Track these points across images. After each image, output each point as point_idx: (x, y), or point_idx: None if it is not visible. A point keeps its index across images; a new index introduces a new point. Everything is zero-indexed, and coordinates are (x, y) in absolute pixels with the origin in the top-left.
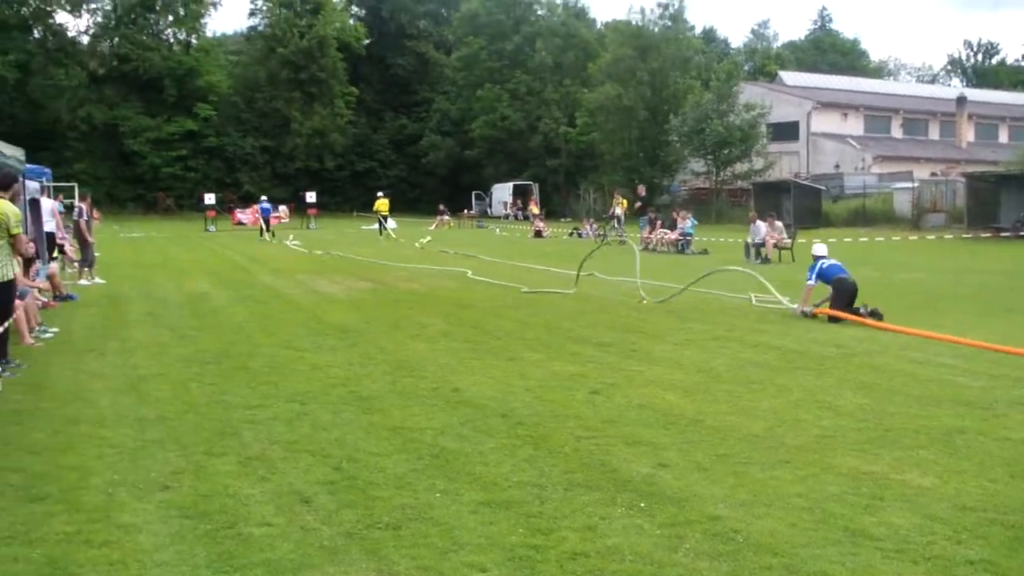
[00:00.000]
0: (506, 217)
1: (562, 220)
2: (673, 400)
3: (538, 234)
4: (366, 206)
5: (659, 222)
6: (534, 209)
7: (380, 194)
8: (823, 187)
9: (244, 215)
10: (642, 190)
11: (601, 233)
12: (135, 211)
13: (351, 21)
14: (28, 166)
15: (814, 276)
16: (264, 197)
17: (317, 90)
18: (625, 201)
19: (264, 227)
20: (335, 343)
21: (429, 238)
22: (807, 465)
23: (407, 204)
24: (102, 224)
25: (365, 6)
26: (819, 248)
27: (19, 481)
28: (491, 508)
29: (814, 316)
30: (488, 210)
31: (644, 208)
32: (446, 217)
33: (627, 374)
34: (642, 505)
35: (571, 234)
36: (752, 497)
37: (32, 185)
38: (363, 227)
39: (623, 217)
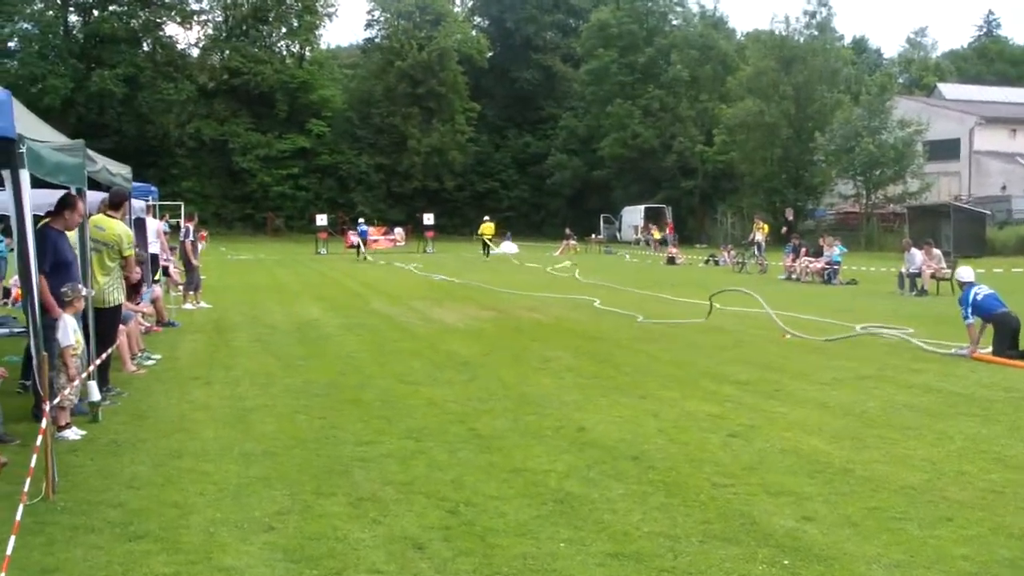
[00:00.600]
0: (636, 242)
1: (697, 246)
2: (819, 446)
3: (671, 261)
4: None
5: (804, 249)
6: (656, 234)
7: (487, 218)
8: (987, 211)
9: (358, 237)
10: (790, 213)
11: (740, 261)
12: (243, 232)
13: (473, 33)
14: (135, 184)
15: (969, 310)
16: (361, 220)
17: (436, 105)
18: (766, 226)
19: (359, 247)
20: (453, 376)
21: (568, 262)
22: (973, 524)
23: (530, 227)
24: (208, 245)
25: (488, 17)
26: (965, 272)
27: (117, 517)
28: (620, 560)
29: (973, 359)
30: (617, 235)
31: (789, 234)
32: (572, 242)
33: (768, 416)
34: (785, 562)
35: (707, 261)
36: (909, 557)
37: (137, 204)
38: (493, 252)
39: (764, 244)
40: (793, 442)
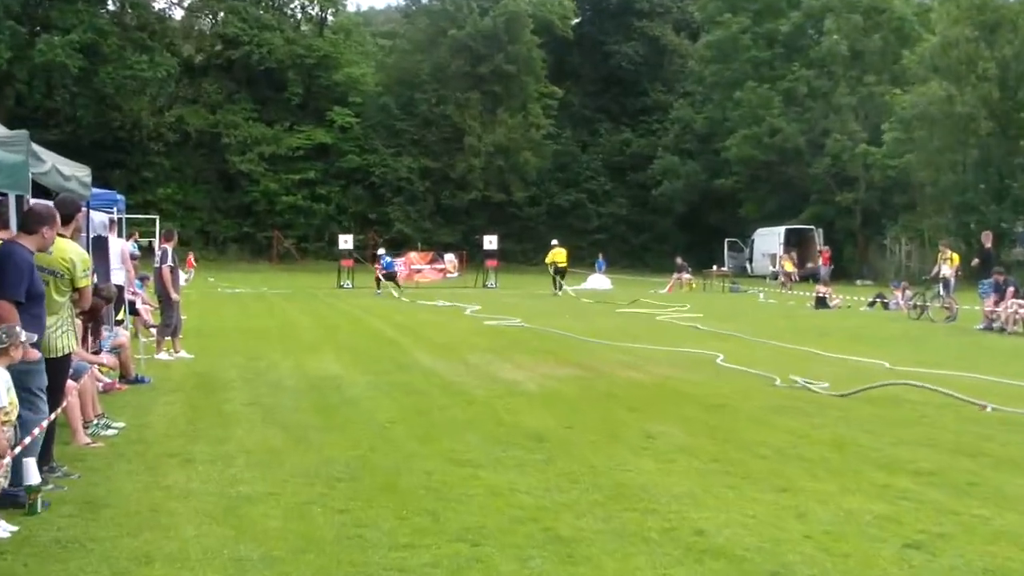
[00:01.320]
0: (774, 277)
1: (858, 283)
2: None
3: (821, 303)
4: (573, 258)
5: (1011, 289)
6: (788, 265)
7: (555, 242)
8: None
9: (394, 265)
10: (989, 239)
11: (919, 304)
12: (240, 256)
13: None
14: (95, 190)
15: None
16: (382, 251)
17: (503, 89)
18: (956, 256)
19: (379, 281)
20: (523, 456)
21: (680, 306)
22: None
23: (628, 255)
24: (194, 274)
25: None
26: None
27: None
28: None
29: None
30: (747, 266)
31: (986, 267)
32: (686, 275)
33: (963, 520)
34: None
35: (872, 304)
36: None
37: (98, 219)
38: (566, 288)
39: (953, 280)
40: (1000, 559)
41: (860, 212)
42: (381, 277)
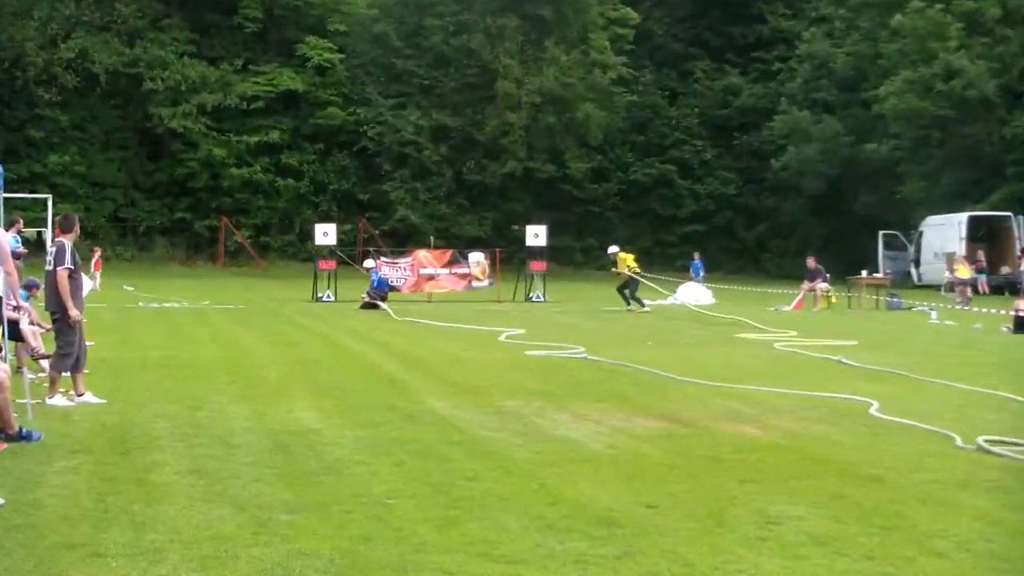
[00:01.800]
0: (949, 288)
1: None
2: None
3: (1021, 325)
4: (657, 258)
5: None
6: (963, 271)
7: (614, 249)
8: None
9: (395, 269)
10: None
11: None
12: (171, 255)
13: None
14: None
15: None
16: (370, 263)
17: (553, 13)
18: None
19: (369, 300)
20: (585, 549)
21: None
22: None
23: (737, 254)
24: (101, 280)
25: None
26: None
27: None
28: None
29: None
30: (913, 270)
31: None
32: (822, 284)
33: None
34: None
35: None
36: None
37: None
38: (644, 302)
39: None
40: None
41: None
42: (372, 300)
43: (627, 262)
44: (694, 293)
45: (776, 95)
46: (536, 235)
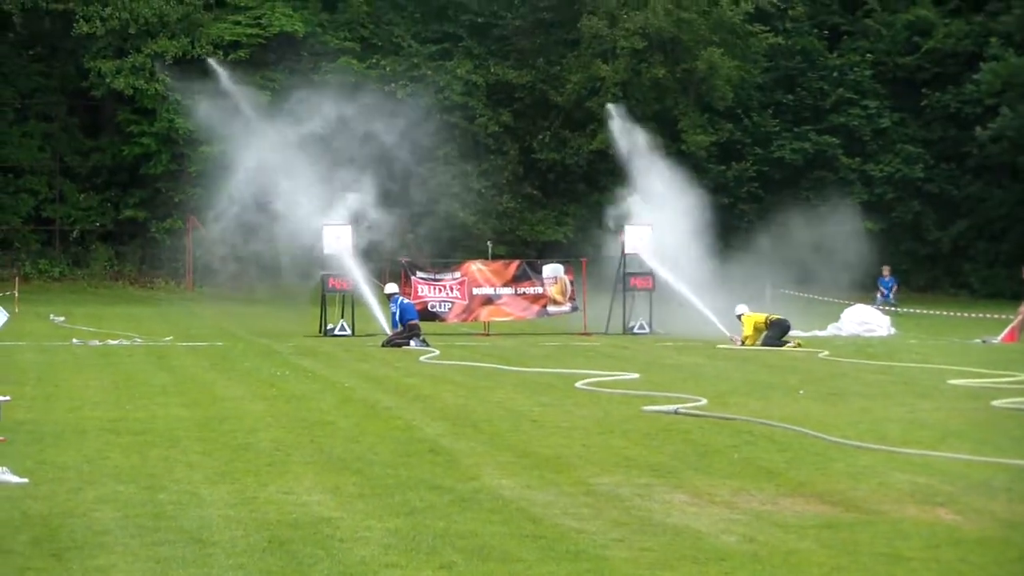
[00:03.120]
0: None
1: None
2: None
3: None
4: (811, 270)
5: None
6: None
7: (742, 310)
8: None
9: (435, 289)
10: None
11: None
12: (118, 272)
13: None
14: None
15: None
16: (392, 288)
17: None
18: None
19: (398, 334)
20: None
21: None
22: None
23: (922, 262)
24: (19, 305)
25: None
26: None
27: None
28: None
29: None
30: None
31: None
32: None
33: None
34: None
35: None
36: None
37: None
38: (794, 338)
39: None
40: None
41: None
42: (399, 340)
43: (756, 325)
44: (865, 319)
45: (984, 33)
46: (640, 239)
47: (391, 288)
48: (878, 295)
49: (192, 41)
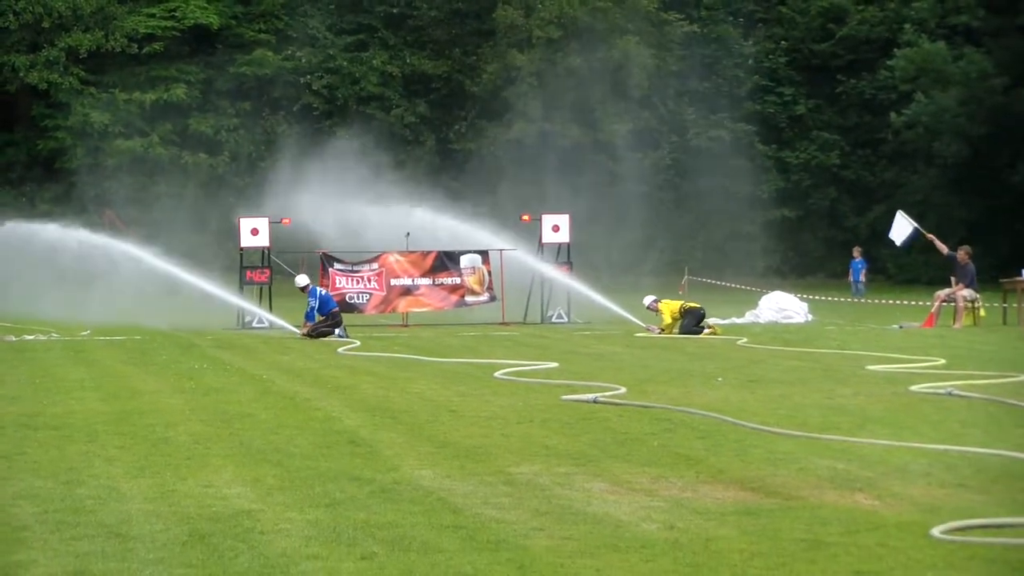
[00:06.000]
0: None
1: None
2: None
3: None
4: (729, 257)
5: None
6: None
7: (651, 300)
8: None
9: (353, 280)
10: None
11: None
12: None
13: None
14: None
15: None
16: (303, 279)
17: None
18: None
19: (322, 322)
20: None
21: None
22: None
23: (838, 248)
24: None
25: None
26: None
27: None
28: None
29: None
30: None
31: None
32: (966, 291)
33: None
34: None
35: None
36: None
37: None
38: (715, 322)
39: None
40: None
41: None
42: (318, 330)
43: (672, 313)
44: (782, 306)
45: (898, 19)
46: (556, 228)
47: (304, 280)
48: (852, 284)
49: (107, 34)
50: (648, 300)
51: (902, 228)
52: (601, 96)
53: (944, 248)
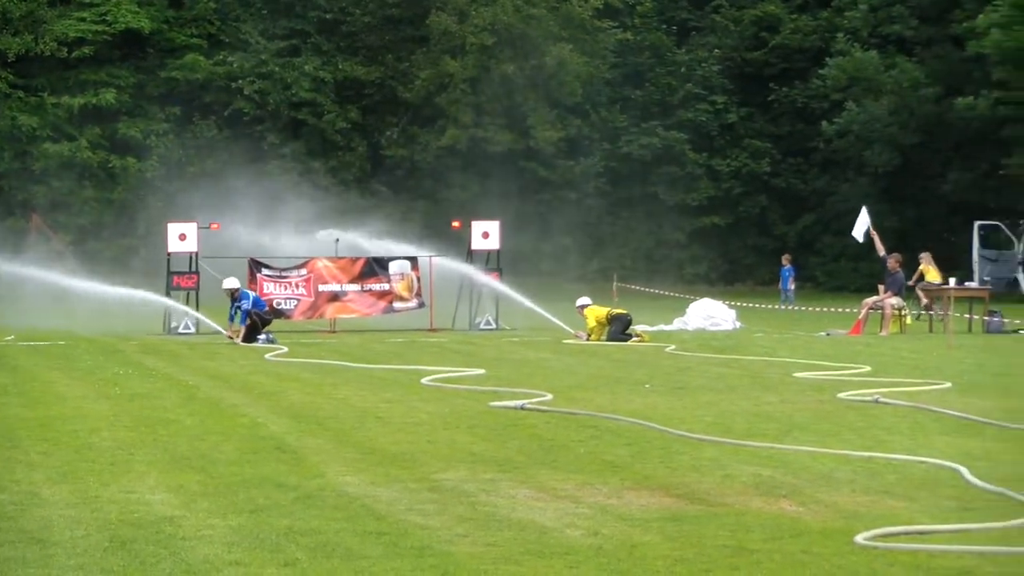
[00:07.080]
0: None
1: None
2: None
3: None
4: (659, 264)
5: None
6: (932, 274)
7: (584, 302)
8: None
9: (281, 286)
10: None
11: None
12: None
13: None
14: None
15: None
16: (231, 282)
17: None
18: None
19: (238, 326)
20: None
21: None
22: None
23: (768, 256)
24: None
25: None
26: None
27: None
28: None
29: None
30: (1021, 275)
31: None
32: (893, 299)
33: None
34: None
35: None
36: None
37: None
38: (643, 329)
39: None
40: None
41: None
42: (247, 332)
43: (599, 319)
44: (710, 313)
45: (831, 28)
46: (486, 234)
47: (233, 283)
48: (781, 291)
49: (36, 38)
50: (583, 300)
51: (862, 224)
52: (534, 103)
53: (882, 249)
